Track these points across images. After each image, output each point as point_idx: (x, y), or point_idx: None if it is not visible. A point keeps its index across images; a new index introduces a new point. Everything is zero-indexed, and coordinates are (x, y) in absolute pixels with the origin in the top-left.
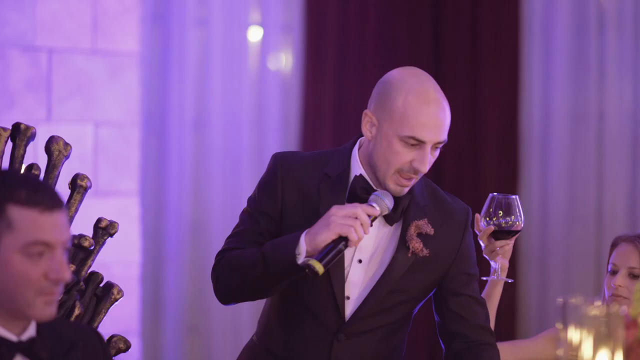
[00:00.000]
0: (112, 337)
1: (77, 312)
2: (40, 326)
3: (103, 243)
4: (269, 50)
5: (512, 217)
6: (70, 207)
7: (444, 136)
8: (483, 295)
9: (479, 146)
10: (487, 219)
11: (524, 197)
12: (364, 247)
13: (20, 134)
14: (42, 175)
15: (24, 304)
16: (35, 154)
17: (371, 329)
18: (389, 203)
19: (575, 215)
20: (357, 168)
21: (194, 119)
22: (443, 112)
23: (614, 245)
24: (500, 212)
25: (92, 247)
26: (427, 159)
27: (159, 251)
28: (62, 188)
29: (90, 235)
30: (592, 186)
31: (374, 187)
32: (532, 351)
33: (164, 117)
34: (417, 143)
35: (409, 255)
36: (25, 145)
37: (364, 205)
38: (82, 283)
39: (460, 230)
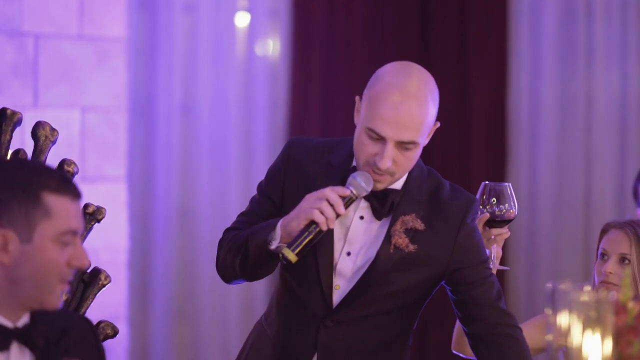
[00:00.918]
0: (99, 322)
1: (64, 297)
2: (33, 314)
3: (90, 229)
4: (256, 35)
5: (506, 205)
6: None
7: (408, 136)
8: None
9: (467, 133)
10: (481, 207)
11: (512, 184)
12: (353, 239)
13: (6, 119)
14: None
15: (47, 291)
16: (22, 140)
17: (360, 317)
18: (363, 183)
19: (564, 201)
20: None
21: (181, 105)
22: (408, 111)
23: (603, 231)
24: (494, 200)
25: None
26: (387, 156)
27: (146, 237)
28: None
29: None
30: (580, 173)
31: None
32: None
33: (151, 103)
34: (378, 137)
35: (391, 251)
36: (12, 131)
37: (335, 187)
38: None
39: (456, 224)
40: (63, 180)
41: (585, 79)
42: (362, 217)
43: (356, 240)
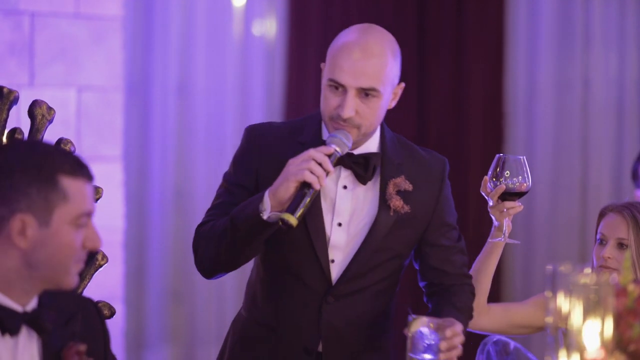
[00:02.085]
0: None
1: None
2: (41, 298)
3: None
4: (253, 15)
5: (519, 177)
6: None
7: (366, 82)
8: (480, 258)
9: (463, 115)
10: (495, 179)
11: None
12: (342, 210)
13: (2, 98)
14: None
15: (64, 272)
16: (18, 119)
17: (359, 289)
18: (344, 138)
19: (561, 183)
20: (326, 132)
21: (177, 84)
22: (365, 58)
23: (601, 215)
24: (507, 172)
25: None
26: (349, 104)
27: (142, 217)
28: None
29: None
30: (577, 155)
31: None
32: (523, 315)
33: (148, 82)
34: (339, 86)
35: (391, 214)
36: (8, 109)
37: (319, 147)
38: None
39: (437, 183)
40: (77, 163)
41: (582, 61)
42: (345, 187)
43: (344, 210)
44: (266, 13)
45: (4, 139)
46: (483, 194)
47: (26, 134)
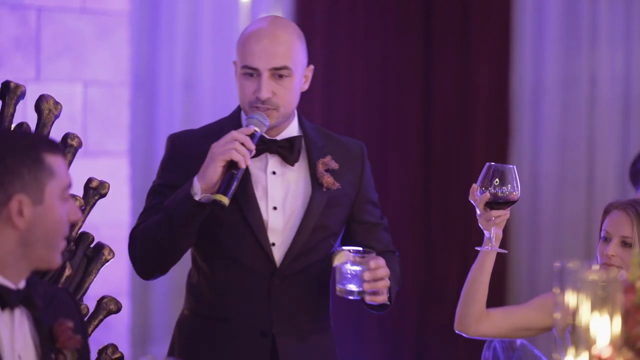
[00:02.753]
0: (102, 298)
1: (67, 273)
2: (28, 280)
3: (94, 203)
4: (259, 10)
5: (509, 186)
6: None
7: (278, 61)
8: (474, 267)
9: (469, 112)
10: (483, 188)
11: (514, 163)
12: (275, 194)
13: (9, 92)
14: None
15: (55, 249)
16: (24, 113)
17: (303, 269)
18: (260, 118)
19: (566, 180)
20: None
21: (183, 79)
22: (273, 39)
23: (606, 212)
24: (497, 181)
25: (83, 208)
26: (264, 86)
27: None
28: None
29: (80, 196)
30: (582, 152)
31: (265, 137)
32: (525, 317)
33: (154, 77)
34: (253, 72)
35: (324, 190)
36: (15, 104)
37: (239, 129)
38: (72, 244)
39: (359, 163)
40: (52, 141)
41: (588, 59)
42: (274, 172)
43: (277, 194)
44: (272, 8)
45: None
46: (472, 201)
47: (33, 129)
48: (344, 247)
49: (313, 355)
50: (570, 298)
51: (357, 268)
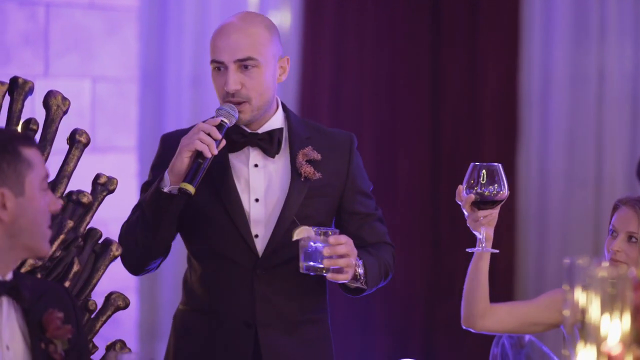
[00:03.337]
0: (110, 294)
1: (75, 268)
2: (16, 274)
3: (102, 199)
4: (268, 7)
5: (495, 185)
6: (68, 162)
7: (242, 53)
8: (470, 268)
9: (477, 109)
10: (469, 188)
11: (523, 159)
12: (256, 187)
13: (18, 88)
14: (40, 130)
15: (41, 237)
16: (33, 109)
17: (287, 260)
18: (229, 110)
19: (575, 177)
20: None
21: (192, 75)
22: (238, 33)
23: (615, 207)
24: (483, 181)
25: (92, 203)
26: (231, 78)
27: None
28: (61, 143)
29: (89, 192)
30: (591, 148)
31: (246, 130)
32: (531, 313)
33: (162, 73)
34: (220, 66)
35: (302, 180)
36: (23, 100)
37: (206, 120)
38: (80, 239)
39: (347, 153)
40: (27, 135)
41: (597, 54)
42: (256, 165)
43: (259, 186)
44: (281, 4)
45: (19, 130)
46: (459, 202)
47: (41, 125)
48: (305, 226)
49: (301, 347)
50: (580, 295)
51: (319, 245)
